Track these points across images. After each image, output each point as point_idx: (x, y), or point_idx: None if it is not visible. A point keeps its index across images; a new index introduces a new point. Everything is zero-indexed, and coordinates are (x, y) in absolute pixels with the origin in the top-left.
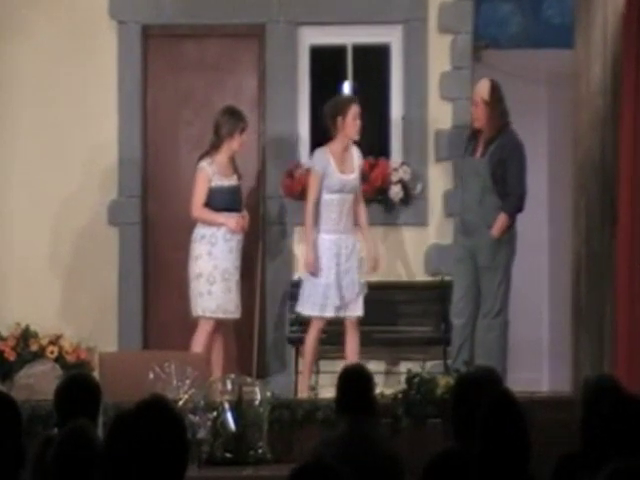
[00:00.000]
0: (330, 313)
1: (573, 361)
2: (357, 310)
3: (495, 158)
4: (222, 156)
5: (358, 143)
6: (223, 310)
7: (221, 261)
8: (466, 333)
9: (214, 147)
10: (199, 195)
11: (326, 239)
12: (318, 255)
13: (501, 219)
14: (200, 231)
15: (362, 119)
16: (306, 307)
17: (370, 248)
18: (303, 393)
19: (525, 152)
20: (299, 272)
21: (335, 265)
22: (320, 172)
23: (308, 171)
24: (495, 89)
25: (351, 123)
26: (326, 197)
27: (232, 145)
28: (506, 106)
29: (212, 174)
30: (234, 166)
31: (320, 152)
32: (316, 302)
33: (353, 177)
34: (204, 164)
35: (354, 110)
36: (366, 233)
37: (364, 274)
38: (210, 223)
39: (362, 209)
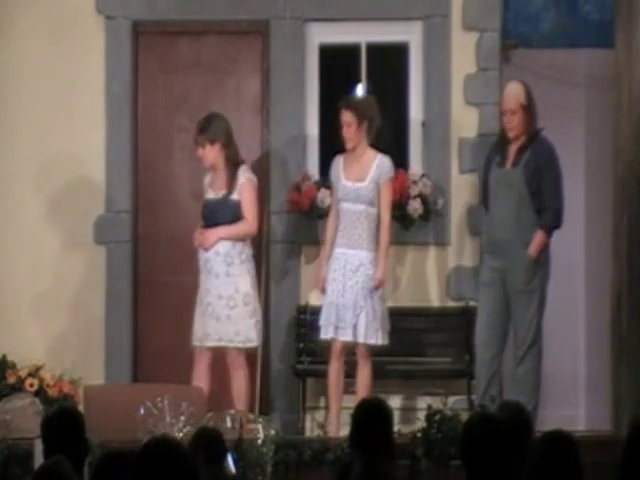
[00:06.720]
0: (331, 334)
1: (613, 397)
2: (360, 336)
3: (531, 167)
4: None
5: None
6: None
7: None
8: (495, 365)
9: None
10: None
11: (334, 253)
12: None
13: (538, 236)
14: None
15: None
16: (320, 330)
17: (377, 267)
18: (331, 434)
19: (559, 161)
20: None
21: (338, 282)
22: (332, 180)
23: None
24: (529, 92)
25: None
26: (337, 207)
27: None
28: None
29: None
30: None
31: (334, 159)
32: (322, 324)
33: (360, 185)
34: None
35: (341, 117)
36: (380, 251)
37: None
38: None
39: (383, 225)
